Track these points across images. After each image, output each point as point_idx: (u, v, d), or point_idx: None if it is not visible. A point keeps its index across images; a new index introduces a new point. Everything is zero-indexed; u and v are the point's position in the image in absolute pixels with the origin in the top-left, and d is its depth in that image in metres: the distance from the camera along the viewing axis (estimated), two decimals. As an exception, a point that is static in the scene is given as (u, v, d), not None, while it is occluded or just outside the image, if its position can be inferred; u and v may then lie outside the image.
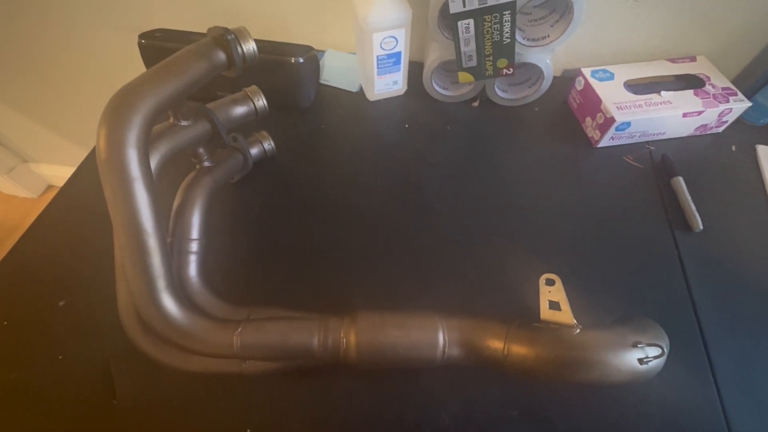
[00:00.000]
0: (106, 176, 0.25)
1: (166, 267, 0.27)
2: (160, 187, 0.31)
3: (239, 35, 0.32)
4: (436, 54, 0.47)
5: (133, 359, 0.30)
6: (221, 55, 0.32)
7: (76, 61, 0.72)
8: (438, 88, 0.51)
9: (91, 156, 0.47)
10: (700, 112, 0.45)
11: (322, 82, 0.54)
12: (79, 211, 0.42)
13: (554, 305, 0.30)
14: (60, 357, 0.33)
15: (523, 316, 0.30)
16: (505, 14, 0.41)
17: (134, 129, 0.25)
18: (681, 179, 0.43)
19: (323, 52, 0.57)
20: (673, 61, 0.50)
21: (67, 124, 0.91)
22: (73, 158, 1.03)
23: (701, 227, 0.40)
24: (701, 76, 0.48)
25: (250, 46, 0.33)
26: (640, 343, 0.27)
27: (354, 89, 0.54)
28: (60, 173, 1.13)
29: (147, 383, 0.32)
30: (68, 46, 0.69)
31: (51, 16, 0.63)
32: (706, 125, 0.47)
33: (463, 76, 0.47)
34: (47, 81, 0.78)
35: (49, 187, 1.19)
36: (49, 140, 0.96)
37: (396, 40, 0.45)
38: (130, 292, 0.28)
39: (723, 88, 0.46)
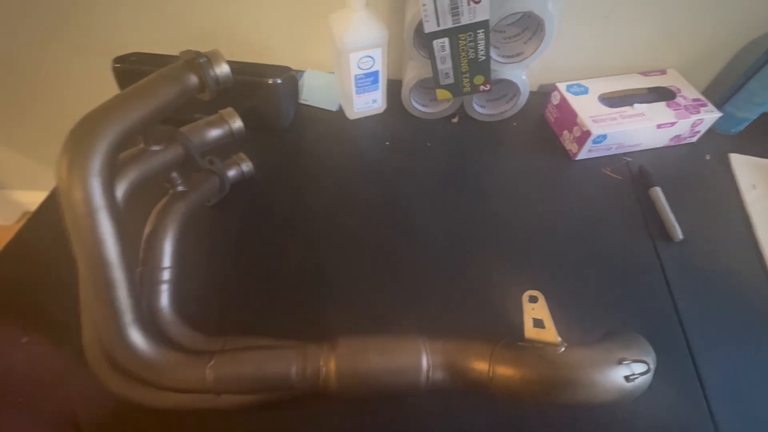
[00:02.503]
0: (67, 207, 0.24)
1: (133, 300, 0.26)
2: (131, 214, 0.30)
3: (212, 58, 0.32)
4: (413, 72, 0.48)
5: (101, 398, 0.28)
6: (193, 79, 0.31)
7: (50, 87, 0.70)
8: (417, 105, 0.52)
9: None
10: (672, 123, 0.46)
11: (301, 101, 0.54)
12: (46, 243, 0.40)
13: (538, 323, 0.29)
14: (20, 399, 0.31)
15: (508, 333, 0.30)
16: (479, 33, 0.41)
17: (98, 157, 0.24)
18: (659, 189, 0.44)
19: (302, 72, 0.57)
20: (644, 74, 0.51)
21: (42, 150, 0.89)
22: (49, 185, 1.00)
23: (681, 237, 0.40)
24: (672, 89, 0.49)
25: (223, 69, 0.33)
26: (625, 359, 0.26)
27: (334, 108, 0.54)
28: (36, 199, 1.09)
29: (115, 424, 0.30)
30: (43, 72, 0.67)
31: (24, 42, 0.62)
32: (679, 136, 0.48)
33: (441, 93, 0.48)
34: (21, 107, 0.76)
35: (25, 213, 1.16)
36: (25, 167, 0.94)
37: (373, 59, 0.45)
38: (95, 328, 0.26)
39: (693, 100, 0.48)
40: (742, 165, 0.47)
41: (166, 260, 0.32)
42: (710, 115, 0.46)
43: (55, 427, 0.30)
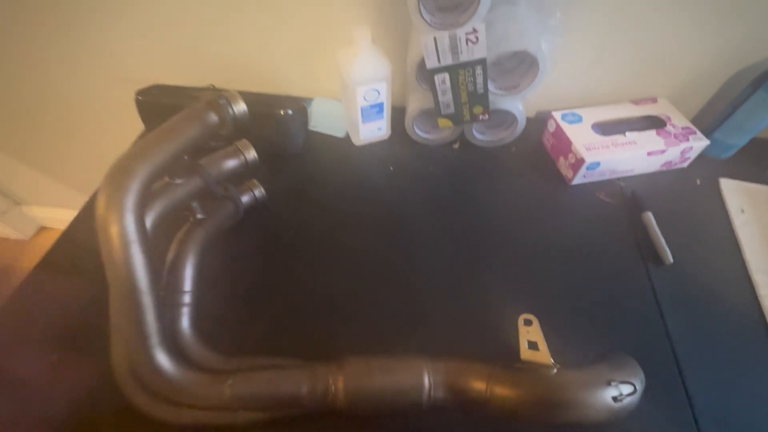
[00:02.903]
0: (104, 240, 0.26)
1: (159, 323, 0.28)
2: (156, 240, 0.32)
3: (231, 99, 0.35)
4: (416, 103, 0.51)
5: (124, 414, 0.31)
6: (214, 118, 0.34)
7: (70, 108, 0.74)
8: (420, 133, 0.54)
9: (86, 209, 0.48)
10: (662, 151, 0.48)
11: (310, 128, 0.57)
12: (73, 266, 0.43)
13: (533, 345, 0.31)
14: (50, 412, 0.33)
15: (505, 353, 0.32)
16: (477, 68, 0.44)
17: (132, 196, 0.27)
18: (650, 214, 0.46)
19: (311, 99, 0.60)
20: (636, 102, 0.54)
21: (61, 168, 0.93)
22: (66, 200, 1.04)
23: (671, 260, 0.42)
24: (662, 117, 0.52)
25: (240, 108, 0.36)
26: (613, 381, 0.28)
27: (341, 135, 0.57)
28: (52, 215, 1.13)
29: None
30: (64, 94, 0.71)
31: (47, 65, 0.66)
32: (670, 162, 0.50)
33: (443, 122, 0.51)
34: (41, 127, 0.80)
35: (41, 228, 1.19)
36: (43, 184, 0.98)
37: (378, 92, 0.48)
38: (124, 348, 0.29)
39: (683, 128, 0.50)
40: (731, 189, 0.49)
41: (187, 284, 0.35)
42: (699, 143, 0.48)
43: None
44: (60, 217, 1.12)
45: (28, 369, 0.36)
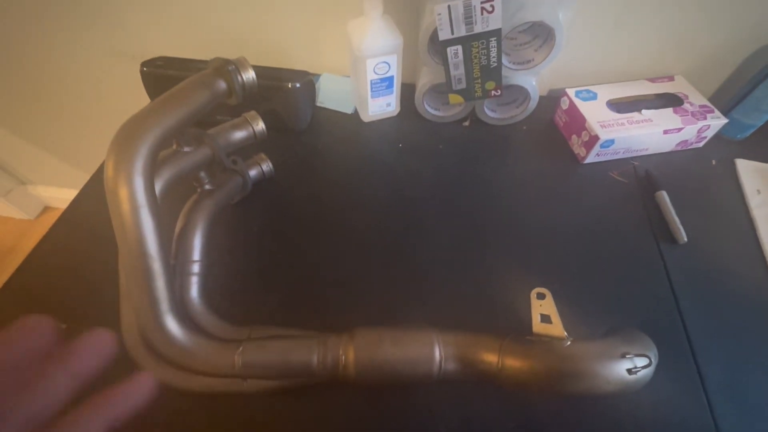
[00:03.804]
0: (114, 204, 0.26)
1: (169, 289, 0.28)
2: (164, 210, 0.32)
3: (239, 65, 0.34)
4: (427, 78, 0.49)
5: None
6: (222, 85, 0.34)
7: (75, 86, 0.73)
8: (430, 109, 0.53)
9: (92, 181, 0.48)
10: (679, 129, 0.47)
11: (318, 104, 0.56)
12: (80, 236, 0.43)
13: (545, 318, 0.31)
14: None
15: (516, 328, 0.31)
16: (491, 41, 0.43)
17: (141, 158, 0.26)
18: (664, 193, 0.45)
19: (319, 75, 0.59)
20: (652, 80, 0.53)
21: (65, 147, 0.92)
22: (70, 180, 1.04)
23: (685, 239, 0.41)
24: (679, 95, 0.50)
25: (249, 76, 0.35)
26: (628, 353, 0.28)
27: (349, 111, 0.56)
28: (57, 195, 1.13)
29: (149, 405, 0.32)
30: (68, 72, 0.70)
31: (51, 41, 0.65)
32: (686, 141, 0.49)
33: (454, 98, 0.49)
34: (46, 105, 0.79)
35: (46, 208, 1.20)
36: (48, 163, 0.97)
37: (388, 65, 0.47)
38: (134, 315, 0.28)
39: (700, 106, 0.49)
40: (747, 170, 0.48)
41: (196, 254, 0.34)
42: (716, 122, 0.47)
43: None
44: (65, 196, 1.12)
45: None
